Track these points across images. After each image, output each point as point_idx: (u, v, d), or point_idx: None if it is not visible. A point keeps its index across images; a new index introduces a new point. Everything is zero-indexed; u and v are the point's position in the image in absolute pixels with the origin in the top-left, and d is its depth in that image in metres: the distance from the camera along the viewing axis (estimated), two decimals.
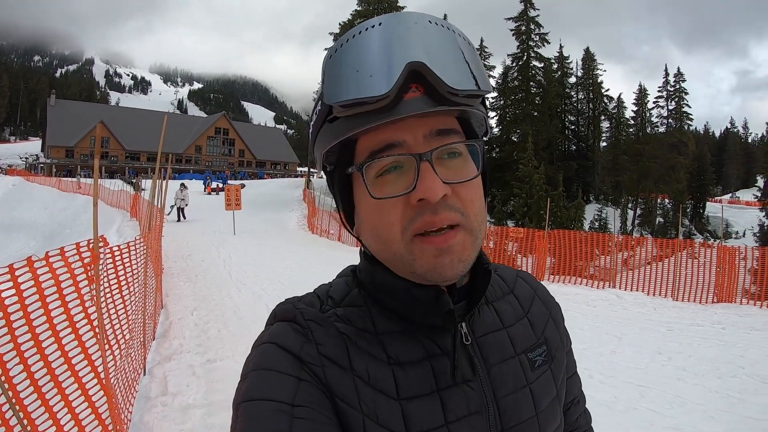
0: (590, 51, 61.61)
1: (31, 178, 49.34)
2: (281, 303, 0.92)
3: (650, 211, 53.38)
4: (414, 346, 0.86)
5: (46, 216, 28.27)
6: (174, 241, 17.76)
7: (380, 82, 0.74)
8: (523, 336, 0.97)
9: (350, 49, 0.78)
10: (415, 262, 0.81)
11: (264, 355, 0.82)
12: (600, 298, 12.74)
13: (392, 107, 0.76)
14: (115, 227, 19.13)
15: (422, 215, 0.78)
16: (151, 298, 7.72)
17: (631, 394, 6.29)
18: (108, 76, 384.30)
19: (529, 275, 1.13)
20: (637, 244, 18.44)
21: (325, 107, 0.83)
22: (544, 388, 0.95)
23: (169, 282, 11.75)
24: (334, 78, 0.79)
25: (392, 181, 0.80)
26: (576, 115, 61.06)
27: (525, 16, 53.57)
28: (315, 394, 0.78)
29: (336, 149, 0.86)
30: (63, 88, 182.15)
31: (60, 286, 3.99)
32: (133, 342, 5.92)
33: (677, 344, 8.58)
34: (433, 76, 0.75)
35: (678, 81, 57.68)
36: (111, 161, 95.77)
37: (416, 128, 0.79)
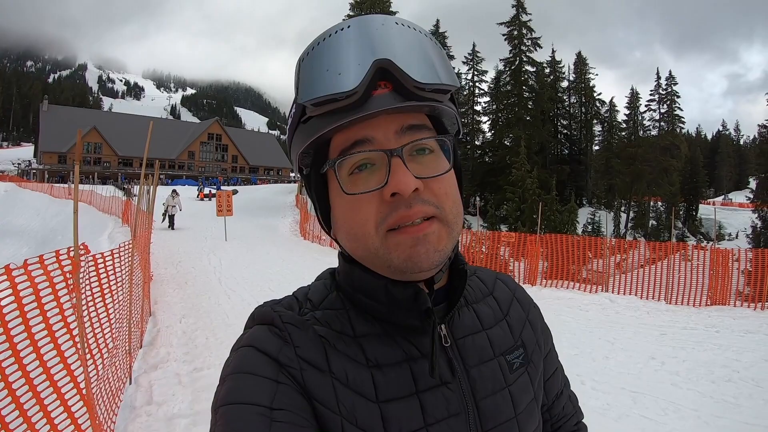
0: (582, 55, 61.82)
1: (23, 184, 49.26)
2: (260, 306, 0.92)
3: (643, 214, 53.57)
4: (393, 348, 0.86)
5: (39, 222, 28.11)
6: (164, 247, 17.66)
7: (348, 78, 0.76)
8: (501, 338, 0.97)
9: (320, 51, 0.81)
10: (391, 254, 0.81)
11: (242, 359, 0.82)
12: (593, 303, 12.71)
13: (361, 104, 0.78)
14: (107, 234, 19.13)
15: (396, 210, 0.79)
16: (138, 305, 7.64)
17: (624, 401, 6.23)
18: (101, 82, 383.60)
19: (508, 277, 1.14)
20: (630, 248, 18.43)
21: (299, 108, 0.84)
22: (523, 389, 0.95)
23: (159, 289, 11.65)
24: (306, 79, 0.81)
25: (364, 179, 0.81)
26: (568, 119, 61.21)
27: (517, 20, 53.71)
28: (293, 397, 0.78)
29: (311, 150, 0.87)
30: (56, 93, 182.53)
31: (39, 294, 3.90)
32: (117, 351, 5.82)
33: (671, 348, 8.55)
34: (399, 71, 0.77)
35: (669, 84, 57.90)
36: (104, 167, 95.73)
37: (386, 125, 0.81)
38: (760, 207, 35.21)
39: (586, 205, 55.24)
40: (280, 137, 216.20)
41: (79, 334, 4.13)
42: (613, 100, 62.01)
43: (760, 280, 13.39)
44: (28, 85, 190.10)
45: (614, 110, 61.26)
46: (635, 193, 53.29)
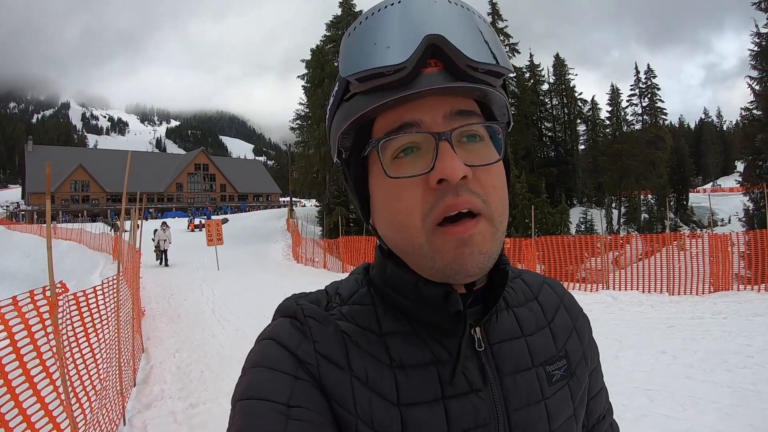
0: (560, 57, 62.22)
1: (12, 227, 49.34)
2: (287, 298, 0.89)
3: (634, 208, 53.77)
4: (420, 349, 0.82)
5: (29, 263, 28.08)
6: (156, 281, 17.68)
7: (398, 52, 0.72)
8: (542, 347, 0.91)
9: (368, 25, 0.77)
10: (436, 254, 0.76)
11: (262, 352, 0.80)
12: (595, 302, 12.55)
13: (409, 81, 0.73)
14: (98, 271, 18.99)
15: (443, 198, 0.74)
16: (128, 342, 7.43)
17: (640, 400, 6.04)
18: (85, 119, 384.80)
19: (556, 282, 1.07)
20: (625, 242, 18.41)
21: (342, 85, 0.80)
22: (561, 404, 0.88)
23: (150, 324, 11.48)
24: (351, 52, 0.76)
25: (409, 163, 0.77)
26: (552, 122, 61.56)
27: (493, 27, 54.11)
28: (312, 394, 0.75)
29: (352, 132, 0.83)
30: (40, 133, 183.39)
31: (14, 338, 3.68)
32: (107, 392, 5.61)
33: (680, 341, 8.41)
34: (452, 48, 0.73)
35: (649, 77, 58.25)
36: (92, 204, 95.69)
37: (435, 108, 0.76)
38: (750, 189, 35.22)
39: (577, 205, 55.40)
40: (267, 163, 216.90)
41: (61, 378, 3.92)
42: (594, 98, 62.39)
43: (760, 262, 13.40)
44: (11, 126, 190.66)
45: (596, 108, 61.58)
46: (624, 188, 53.56)
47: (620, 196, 55.26)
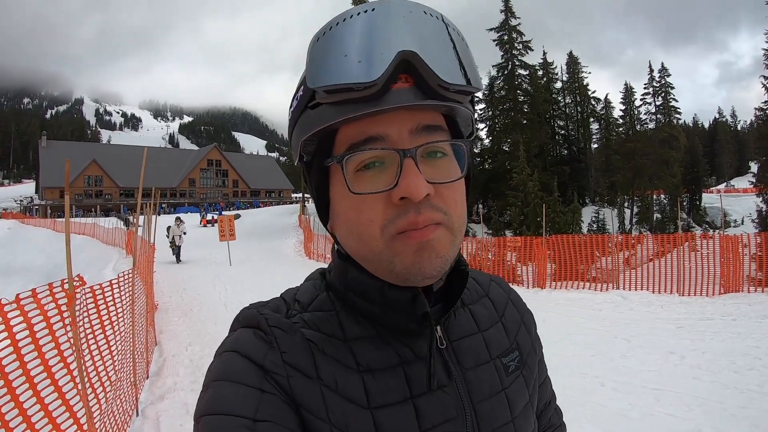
0: (574, 54, 61.79)
1: (26, 221, 49.53)
2: (245, 308, 0.88)
3: (647, 208, 53.26)
4: (386, 351, 0.83)
5: (43, 258, 28.20)
6: (169, 275, 17.79)
7: (369, 68, 0.71)
8: (497, 340, 0.95)
9: (339, 33, 0.74)
10: (395, 259, 0.77)
11: (226, 365, 0.78)
12: (605, 301, 12.59)
13: (378, 97, 0.73)
14: (112, 265, 19.24)
15: (405, 214, 0.75)
16: (142, 335, 7.54)
17: (646, 399, 6.08)
18: (98, 115, 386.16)
19: (502, 280, 1.12)
20: (637, 242, 18.33)
21: (308, 92, 0.78)
22: (518, 393, 0.93)
23: (164, 318, 11.58)
24: (320, 61, 0.75)
25: (373, 177, 0.77)
26: (565, 120, 61.10)
27: (507, 25, 53.72)
28: (278, 407, 0.74)
29: (315, 139, 0.82)
30: (54, 129, 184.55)
31: (33, 330, 3.79)
32: (121, 383, 5.72)
33: (689, 341, 8.41)
34: (425, 67, 0.72)
35: (663, 76, 57.72)
36: (105, 199, 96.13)
37: (401, 122, 0.76)
38: (763, 190, 34.89)
39: (589, 204, 55.03)
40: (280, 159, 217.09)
41: (78, 369, 4.02)
42: (608, 96, 61.89)
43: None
44: (26, 122, 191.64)
45: (610, 107, 61.13)
46: (637, 187, 53.01)
47: (633, 195, 54.78)
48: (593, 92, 60.79)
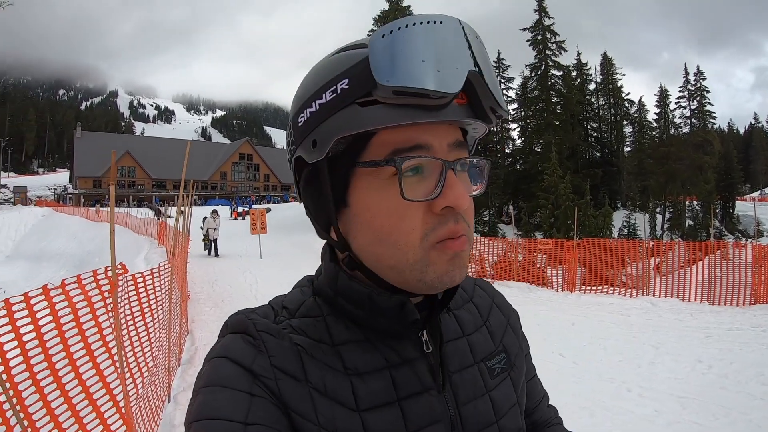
0: (608, 56, 61.09)
1: (59, 209, 50.20)
2: (234, 314, 0.88)
3: (679, 214, 52.47)
4: (373, 355, 0.84)
5: (75, 245, 28.79)
6: (200, 266, 17.94)
7: (447, 79, 0.72)
8: (482, 344, 0.97)
9: (410, 35, 0.73)
10: (429, 268, 0.79)
11: (215, 370, 0.78)
12: (634, 307, 12.48)
13: (440, 108, 0.74)
14: (143, 254, 19.48)
15: (446, 224, 0.78)
16: (176, 324, 7.74)
17: (672, 407, 6.09)
18: (132, 107, 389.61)
19: (486, 283, 1.14)
20: (668, 249, 18.13)
21: (360, 87, 0.74)
22: (504, 394, 0.95)
23: (195, 308, 11.80)
24: (391, 59, 0.72)
25: (414, 185, 0.77)
26: (598, 122, 60.26)
27: (540, 25, 53.31)
28: (269, 410, 0.75)
29: (349, 138, 0.79)
30: (89, 120, 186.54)
31: (77, 314, 3.99)
32: (157, 369, 5.91)
33: (717, 351, 8.34)
34: (485, 89, 0.76)
35: (698, 79, 56.98)
36: (138, 190, 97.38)
37: (444, 135, 0.79)
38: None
39: (621, 208, 54.26)
40: None
41: (118, 353, 4.21)
42: (642, 99, 61.09)
43: None
44: (61, 113, 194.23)
45: (644, 110, 60.29)
46: (670, 193, 52.27)
47: (665, 200, 54.06)
48: (627, 94, 60.01)
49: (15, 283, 25.68)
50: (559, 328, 10.42)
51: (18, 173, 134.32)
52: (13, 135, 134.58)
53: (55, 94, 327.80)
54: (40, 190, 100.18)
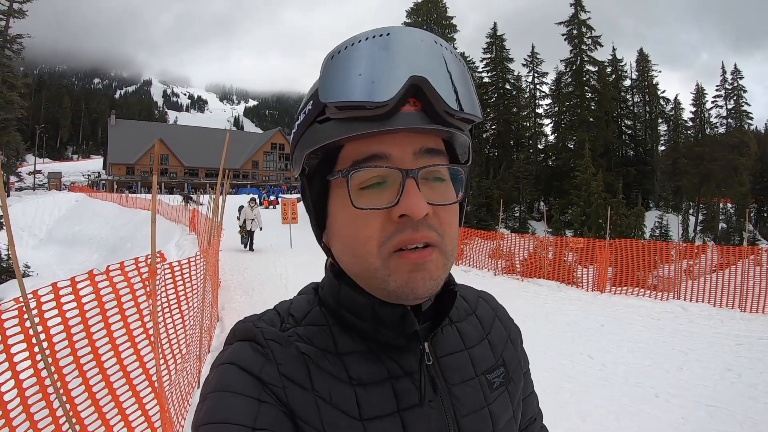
0: (644, 52, 60.08)
1: (93, 194, 50.77)
2: (240, 321, 0.91)
3: (713, 216, 51.53)
4: (376, 366, 0.86)
5: (108, 230, 29.28)
6: (231, 255, 18.05)
7: (382, 89, 0.74)
8: (483, 357, 0.98)
9: (354, 53, 0.78)
10: (389, 277, 0.80)
11: (224, 377, 0.80)
12: (665, 311, 12.36)
13: (387, 118, 0.76)
14: (174, 241, 19.60)
15: (402, 232, 0.78)
16: (207, 311, 7.88)
17: (699, 415, 6.07)
18: (165, 96, 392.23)
19: (490, 296, 1.15)
20: (700, 252, 17.87)
21: (317, 107, 0.81)
22: (502, 408, 0.95)
23: (226, 295, 11.95)
24: (334, 78, 0.78)
25: (374, 195, 0.80)
26: (632, 119, 59.29)
27: (576, 19, 52.76)
28: (276, 417, 0.77)
29: (319, 153, 0.85)
30: (122, 108, 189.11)
31: (120, 299, 4.15)
32: (189, 356, 6.06)
33: (747, 360, 8.25)
34: (433, 92, 0.76)
35: (735, 78, 55.81)
36: (170, 177, 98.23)
37: (405, 144, 0.80)
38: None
39: (653, 209, 53.38)
40: None
41: (155, 337, 4.34)
42: (677, 97, 60.00)
43: None
44: (96, 101, 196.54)
45: (679, 108, 59.23)
46: (703, 194, 51.36)
47: (699, 202, 53.18)
48: (663, 92, 58.94)
49: (48, 266, 26.25)
50: (589, 329, 10.36)
51: (53, 159, 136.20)
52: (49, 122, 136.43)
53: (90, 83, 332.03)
54: (74, 176, 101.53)
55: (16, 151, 28.14)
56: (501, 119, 53.18)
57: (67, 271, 24.48)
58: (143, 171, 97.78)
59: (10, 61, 28.35)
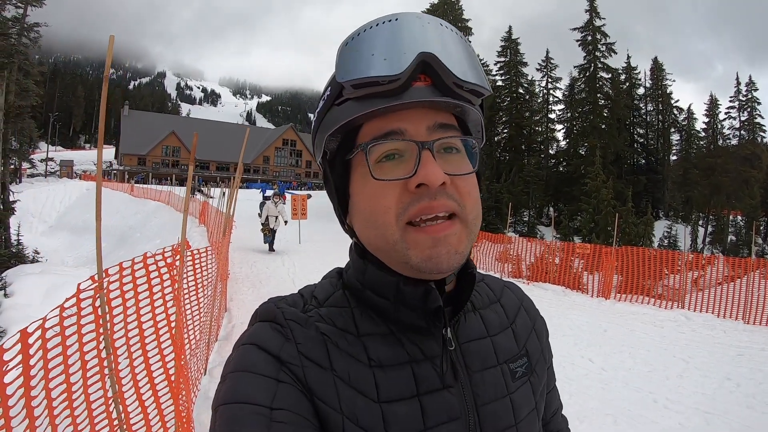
0: (659, 61, 59.67)
1: (104, 184, 50.78)
2: (263, 303, 0.92)
3: (722, 228, 51.03)
4: (396, 348, 0.87)
5: (118, 219, 29.27)
6: (239, 248, 18.08)
7: (393, 64, 0.78)
8: (506, 346, 0.98)
9: (366, 37, 0.82)
10: (409, 251, 0.82)
11: (244, 357, 0.82)
12: (668, 319, 12.39)
13: (400, 92, 0.80)
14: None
15: (419, 201, 0.80)
16: (217, 301, 8.05)
17: (696, 422, 6.14)
18: (179, 89, 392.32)
19: (515, 286, 1.15)
20: (707, 263, 17.83)
21: (335, 90, 0.85)
22: (524, 399, 0.96)
23: (234, 287, 12.08)
24: (349, 60, 0.82)
25: (392, 168, 0.83)
26: (645, 128, 58.79)
27: (591, 25, 52.47)
28: (294, 396, 0.78)
29: (338, 135, 0.88)
30: (136, 99, 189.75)
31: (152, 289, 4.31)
32: (200, 342, 6.21)
33: (747, 370, 8.29)
34: (442, 66, 0.80)
35: (750, 90, 55.39)
36: (181, 170, 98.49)
37: (419, 119, 0.83)
38: None
39: (663, 218, 53.06)
40: None
41: (177, 322, 4.45)
42: (691, 107, 59.56)
43: None
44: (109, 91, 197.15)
45: (692, 118, 58.78)
46: (714, 205, 50.82)
47: (708, 213, 52.78)
48: (676, 101, 58.59)
49: (57, 252, 26.45)
50: (591, 333, 10.44)
51: (65, 147, 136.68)
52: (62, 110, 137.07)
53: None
54: (85, 165, 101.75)
55: (30, 137, 28.21)
56: (513, 123, 52.96)
57: (76, 258, 24.71)
58: (154, 162, 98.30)
59: (27, 49, 28.50)
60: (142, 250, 4.84)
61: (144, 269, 4.24)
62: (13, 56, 26.36)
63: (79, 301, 3.17)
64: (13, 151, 25.76)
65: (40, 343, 2.72)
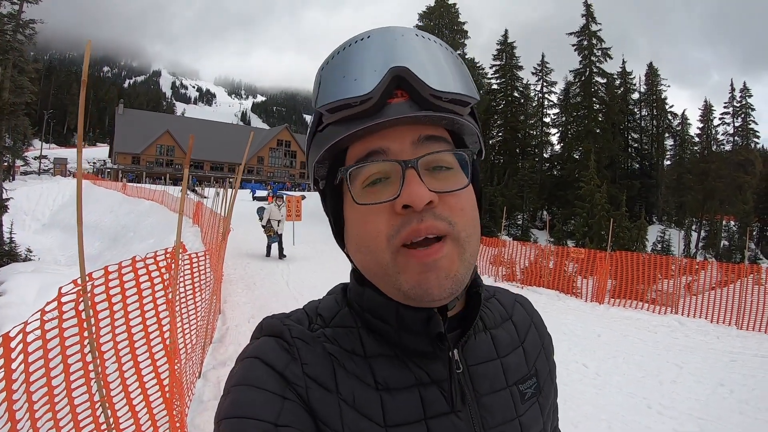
0: (654, 66, 59.79)
1: (97, 182, 50.75)
2: (268, 317, 0.90)
3: (715, 233, 51.23)
4: (403, 371, 0.84)
5: (111, 218, 29.41)
6: (233, 249, 17.88)
7: (364, 83, 0.76)
8: (516, 366, 0.95)
9: (340, 59, 0.81)
10: (401, 276, 0.79)
11: (248, 371, 0.80)
12: (661, 324, 12.41)
13: (377, 111, 0.78)
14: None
15: (408, 224, 0.77)
16: (212, 304, 7.99)
17: (690, 427, 6.16)
18: (174, 88, 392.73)
19: (526, 300, 1.12)
20: (700, 268, 17.86)
21: (316, 117, 0.85)
22: (532, 420, 0.93)
23: (228, 288, 12.00)
24: (324, 86, 0.81)
25: (378, 192, 0.80)
26: (639, 133, 58.81)
27: (587, 30, 52.60)
28: (299, 415, 0.76)
29: (326, 161, 0.87)
30: (131, 98, 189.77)
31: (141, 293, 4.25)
32: (196, 346, 6.18)
33: (740, 375, 8.32)
34: (415, 78, 0.77)
35: (744, 96, 55.53)
36: (175, 169, 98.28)
37: (402, 136, 0.80)
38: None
39: (656, 223, 53.13)
40: None
41: (170, 327, 4.42)
42: (685, 113, 59.78)
43: None
44: (104, 89, 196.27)
45: (686, 123, 58.95)
46: (707, 211, 50.98)
47: (701, 218, 52.97)
48: (671, 107, 58.79)
49: (50, 250, 26.35)
50: (585, 338, 10.46)
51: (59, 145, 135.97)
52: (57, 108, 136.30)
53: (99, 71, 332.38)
54: None
55: (24, 135, 28.10)
56: (508, 126, 52.98)
57: (69, 256, 24.60)
58: (148, 161, 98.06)
59: (22, 46, 28.38)
60: (136, 250, 4.84)
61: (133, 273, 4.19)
62: (8, 53, 26.27)
63: (60, 305, 3.15)
64: (6, 149, 25.64)
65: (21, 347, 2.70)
